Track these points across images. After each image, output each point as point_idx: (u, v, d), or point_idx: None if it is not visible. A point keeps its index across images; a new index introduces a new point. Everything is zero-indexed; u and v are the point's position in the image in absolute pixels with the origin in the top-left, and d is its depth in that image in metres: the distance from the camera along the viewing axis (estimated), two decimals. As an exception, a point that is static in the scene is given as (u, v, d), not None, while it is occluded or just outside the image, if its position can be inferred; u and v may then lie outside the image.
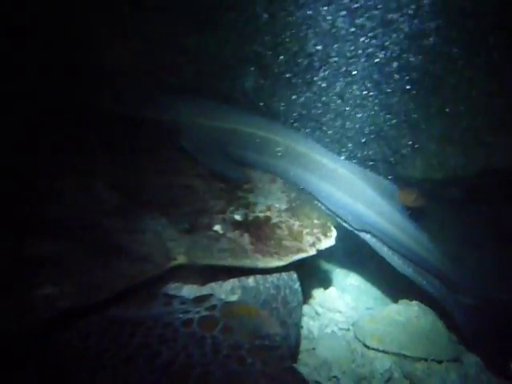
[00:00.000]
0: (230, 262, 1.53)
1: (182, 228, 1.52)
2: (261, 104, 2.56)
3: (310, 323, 2.68)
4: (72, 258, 1.16)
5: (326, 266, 3.40)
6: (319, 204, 2.34)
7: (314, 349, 2.28)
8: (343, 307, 2.96)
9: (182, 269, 1.49)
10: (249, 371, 0.98)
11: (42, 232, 1.19)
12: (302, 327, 2.49)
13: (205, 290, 1.63)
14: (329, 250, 2.13)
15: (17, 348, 1.06)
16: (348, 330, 2.68)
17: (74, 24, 2.12)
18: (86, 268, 1.16)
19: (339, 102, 3.10)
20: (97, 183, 1.45)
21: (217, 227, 1.64)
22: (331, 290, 3.05)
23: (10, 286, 1.00)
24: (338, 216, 2.35)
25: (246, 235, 1.70)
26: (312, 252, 1.90)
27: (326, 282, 3.21)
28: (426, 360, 2.31)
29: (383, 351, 2.42)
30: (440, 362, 2.31)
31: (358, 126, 3.27)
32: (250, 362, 1.00)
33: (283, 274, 1.83)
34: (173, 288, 1.53)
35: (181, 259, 1.39)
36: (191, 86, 2.51)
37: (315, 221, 2.09)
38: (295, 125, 2.82)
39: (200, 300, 1.26)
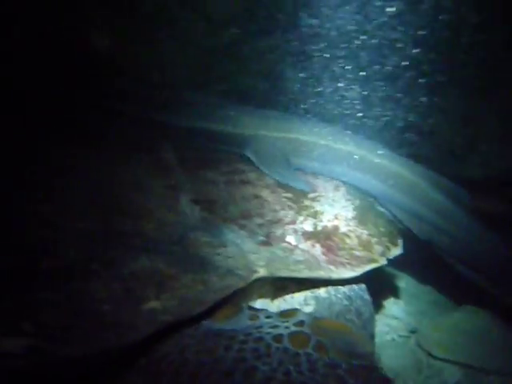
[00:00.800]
0: (306, 273, 1.54)
1: (259, 240, 1.55)
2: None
3: (370, 330, 2.64)
4: (167, 273, 1.22)
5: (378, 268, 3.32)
6: (384, 210, 2.29)
7: (379, 359, 2.24)
8: (399, 313, 2.89)
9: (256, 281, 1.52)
10: (351, 392, 0.98)
11: (138, 247, 1.26)
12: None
13: (277, 301, 1.65)
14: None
15: (121, 361, 1.13)
16: (408, 337, 2.61)
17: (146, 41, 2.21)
18: (181, 282, 1.21)
19: (393, 98, 3.01)
20: (180, 198, 1.52)
21: (290, 238, 1.66)
22: (385, 294, 2.98)
23: (119, 301, 1.07)
24: (402, 222, 2.29)
25: (318, 246, 1.70)
26: (383, 262, 1.87)
27: (378, 285, 3.14)
28: (500, 374, 2.19)
29: (451, 362, 2.32)
30: (517, 377, 2.18)
31: (410, 123, 3.17)
32: (351, 383, 1.00)
33: (353, 284, 1.82)
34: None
35: (262, 272, 1.41)
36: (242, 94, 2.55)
37: (382, 229, 2.05)
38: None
39: (286, 315, 1.28)
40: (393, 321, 2.81)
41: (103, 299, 1.04)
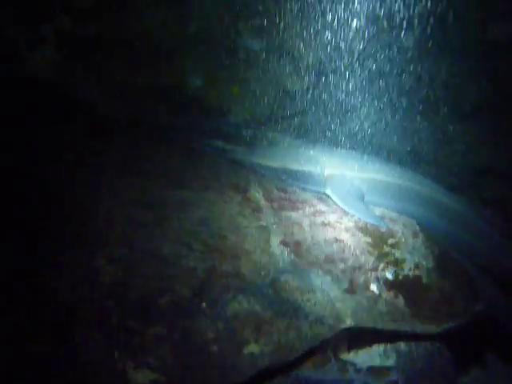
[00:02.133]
0: (391, 326, 1.51)
1: (343, 287, 1.55)
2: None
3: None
4: (263, 316, 1.26)
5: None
6: (460, 259, 2.20)
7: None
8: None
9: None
10: None
11: (236, 287, 1.32)
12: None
13: (355, 350, 1.62)
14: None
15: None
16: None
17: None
18: (276, 327, 1.25)
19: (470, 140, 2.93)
20: (271, 239, 1.58)
21: (373, 287, 1.63)
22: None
23: (224, 342, 1.13)
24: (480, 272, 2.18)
25: (401, 297, 1.66)
26: (466, 318, 1.77)
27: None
28: None
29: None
30: None
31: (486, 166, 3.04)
32: None
33: (434, 339, 1.74)
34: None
35: (349, 322, 1.41)
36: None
37: (463, 281, 1.96)
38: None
39: (377, 372, 1.26)
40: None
41: (211, 339, 1.11)
